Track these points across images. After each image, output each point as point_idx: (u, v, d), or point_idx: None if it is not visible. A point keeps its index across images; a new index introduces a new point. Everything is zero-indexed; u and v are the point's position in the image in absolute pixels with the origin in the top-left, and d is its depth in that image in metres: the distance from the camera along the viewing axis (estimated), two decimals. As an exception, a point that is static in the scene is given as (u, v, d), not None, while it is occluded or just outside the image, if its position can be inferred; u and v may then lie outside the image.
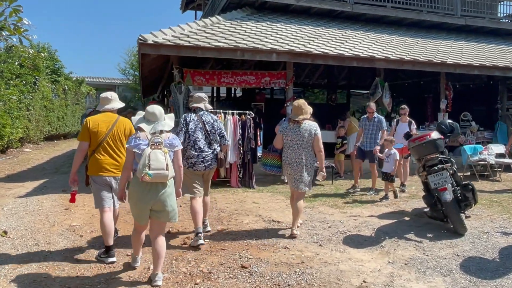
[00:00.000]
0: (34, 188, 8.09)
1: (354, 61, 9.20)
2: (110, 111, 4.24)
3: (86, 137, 4.07)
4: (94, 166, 4.07)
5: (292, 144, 4.75)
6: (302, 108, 4.74)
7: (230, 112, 8.05)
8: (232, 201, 6.86)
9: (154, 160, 3.26)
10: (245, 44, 8.44)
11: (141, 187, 3.38)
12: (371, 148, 7.32)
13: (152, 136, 3.42)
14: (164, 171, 3.29)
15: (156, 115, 3.52)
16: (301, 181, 4.76)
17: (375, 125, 7.41)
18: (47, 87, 18.22)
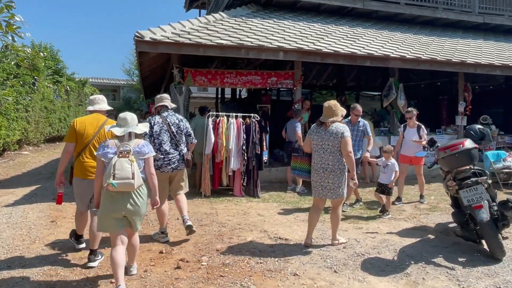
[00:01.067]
0: (24, 196, 7.54)
1: (367, 60, 8.55)
2: (98, 112, 4.21)
3: (72, 138, 4.04)
4: (79, 168, 4.05)
5: (317, 148, 4.49)
6: (333, 110, 4.43)
7: (233, 115, 7.45)
8: (234, 212, 6.26)
9: (119, 169, 3.23)
10: (250, 42, 7.84)
11: (108, 195, 3.34)
12: (356, 156, 6.09)
13: (121, 144, 3.39)
14: (129, 180, 3.24)
15: (127, 120, 3.52)
16: (328, 189, 4.46)
17: (360, 131, 6.42)
18: (47, 87, 17.77)
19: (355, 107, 6.49)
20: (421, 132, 6.86)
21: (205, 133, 7.32)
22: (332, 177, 4.41)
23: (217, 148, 7.22)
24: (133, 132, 3.52)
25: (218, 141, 7.21)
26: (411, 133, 6.94)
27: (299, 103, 8.87)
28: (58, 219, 5.85)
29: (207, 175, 7.25)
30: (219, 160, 7.27)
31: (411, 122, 6.97)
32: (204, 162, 7.30)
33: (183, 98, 8.21)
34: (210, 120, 7.29)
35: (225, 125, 7.30)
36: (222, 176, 7.41)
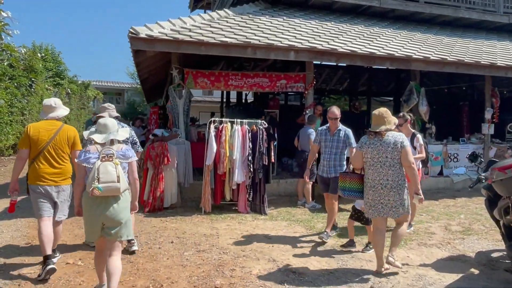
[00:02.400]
0: (5, 209, 6.77)
1: (386, 62, 7.73)
2: (55, 119, 4.10)
3: (26, 144, 3.96)
4: (33, 174, 3.96)
5: (373, 162, 4.00)
6: (384, 117, 4.00)
7: (238, 121, 6.64)
8: (238, 234, 5.43)
9: (104, 172, 3.15)
10: (257, 40, 7.06)
11: (91, 201, 3.23)
12: (337, 173, 4.98)
13: (102, 148, 3.31)
14: (115, 183, 3.16)
15: (108, 126, 3.43)
16: (390, 207, 3.97)
17: (341, 141, 5.20)
18: (47, 90, 17.11)
19: (330, 110, 5.24)
20: (415, 143, 5.55)
21: (206, 141, 6.53)
22: (393, 194, 3.94)
23: (219, 158, 6.42)
24: (115, 140, 3.44)
25: (220, 151, 6.41)
26: None
27: (311, 108, 8.05)
28: (35, 240, 5.05)
29: (207, 189, 6.44)
30: (221, 172, 6.46)
31: (405, 130, 5.55)
32: (204, 174, 6.49)
33: (183, 102, 7.43)
34: (212, 127, 6.49)
35: (229, 133, 6.50)
36: (225, 189, 6.60)
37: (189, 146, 7.02)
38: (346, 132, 5.24)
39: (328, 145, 5.24)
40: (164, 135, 6.81)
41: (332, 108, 5.28)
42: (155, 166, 6.57)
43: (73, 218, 6.03)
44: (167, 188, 6.66)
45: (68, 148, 4.11)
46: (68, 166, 4.17)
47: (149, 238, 5.15)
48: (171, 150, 6.66)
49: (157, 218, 6.14)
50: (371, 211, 4.07)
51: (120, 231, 3.29)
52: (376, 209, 4.02)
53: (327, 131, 5.27)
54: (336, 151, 5.22)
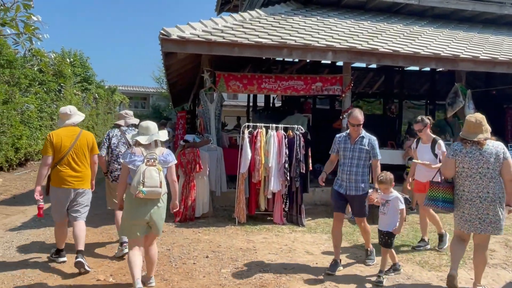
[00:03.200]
0: (34, 217, 6.60)
1: (432, 62, 7.20)
2: (71, 126, 4.32)
3: (49, 151, 4.16)
4: (56, 178, 4.18)
5: (471, 173, 3.67)
6: (482, 125, 3.68)
7: (273, 127, 6.26)
8: (277, 248, 5.03)
9: (149, 177, 3.37)
10: (293, 41, 6.66)
11: (136, 201, 3.46)
12: (358, 191, 4.28)
13: (147, 152, 3.52)
14: (157, 188, 3.41)
15: (150, 129, 3.64)
16: (488, 222, 3.62)
17: (364, 151, 4.28)
18: (75, 95, 17.24)
19: (352, 114, 4.35)
20: (436, 150, 4.91)
21: (240, 147, 6.18)
22: (493, 208, 3.60)
23: (254, 165, 6.05)
24: (158, 140, 3.66)
25: (255, 158, 6.04)
26: (423, 151, 5.06)
27: (348, 112, 7.57)
28: (64, 252, 4.79)
29: (242, 198, 6.08)
30: (256, 180, 6.09)
31: (424, 135, 5.06)
32: (238, 182, 6.13)
33: (215, 106, 7.11)
34: (246, 133, 6.13)
35: (264, 138, 6.12)
36: (260, 199, 6.22)
37: (221, 153, 6.69)
38: (370, 140, 4.32)
39: (348, 156, 4.30)
40: (196, 141, 6.50)
41: (354, 112, 4.29)
42: (186, 173, 6.26)
43: (102, 228, 5.78)
44: (199, 197, 6.33)
45: (88, 152, 4.37)
46: (88, 171, 4.39)
47: (182, 252, 4.81)
48: (203, 156, 6.34)
49: (189, 229, 5.81)
50: (466, 225, 3.71)
51: (160, 228, 3.72)
52: (473, 224, 3.67)
53: (347, 139, 4.37)
54: (358, 163, 4.27)
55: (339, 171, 4.39)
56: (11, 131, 10.36)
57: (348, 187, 4.30)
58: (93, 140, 4.42)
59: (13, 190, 8.98)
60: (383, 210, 4.09)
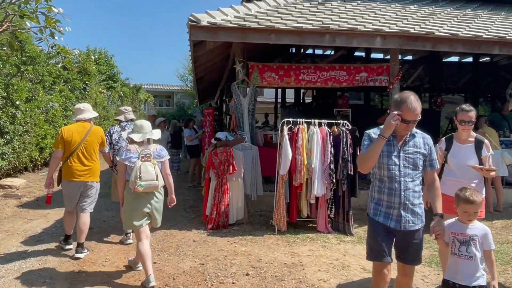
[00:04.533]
0: (56, 222, 6.13)
1: (495, 46, 6.28)
2: (83, 121, 4.55)
3: (60, 145, 4.38)
4: (66, 171, 4.41)
5: None
6: None
7: (315, 122, 5.53)
8: (327, 264, 4.31)
9: (145, 172, 3.60)
10: (336, 25, 5.91)
11: (136, 196, 3.68)
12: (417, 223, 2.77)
13: (142, 149, 3.73)
14: (154, 181, 3.64)
15: (144, 127, 3.84)
16: None
17: (419, 157, 2.77)
18: (100, 93, 16.98)
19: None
20: (484, 152, 3.56)
21: (279, 145, 5.49)
22: None
23: (295, 166, 5.34)
24: (151, 138, 3.84)
25: (297, 158, 5.33)
26: (465, 154, 3.58)
27: (397, 105, 6.75)
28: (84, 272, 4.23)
29: (282, 204, 5.39)
30: (298, 183, 5.38)
31: (465, 133, 3.60)
32: (277, 186, 5.44)
33: (248, 100, 6.45)
34: (285, 130, 5.43)
35: (305, 136, 5.41)
36: (301, 204, 5.52)
37: (257, 152, 6.02)
38: (425, 140, 2.80)
39: (396, 165, 2.69)
40: (229, 139, 5.85)
41: (409, 101, 2.59)
42: (219, 175, 5.62)
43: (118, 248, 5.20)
44: (233, 202, 5.69)
45: (98, 147, 4.62)
46: (97, 164, 4.63)
47: (218, 268, 4.17)
48: (237, 156, 5.69)
49: (223, 238, 5.17)
50: None
51: (159, 219, 3.92)
52: None
53: (391, 138, 2.71)
54: (413, 176, 2.72)
55: (380, 192, 2.76)
56: (35, 130, 10.02)
57: (403, 217, 2.68)
58: (102, 135, 4.70)
59: (37, 192, 8.59)
60: (468, 251, 2.63)
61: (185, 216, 6.34)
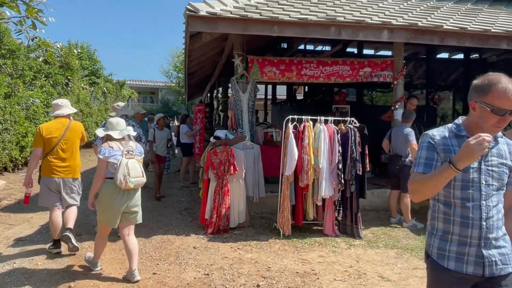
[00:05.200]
0: (41, 228, 5.67)
1: (503, 41, 6.09)
2: (61, 117, 4.52)
3: (40, 143, 4.39)
4: (46, 168, 4.40)
5: None
6: None
7: (321, 120, 5.22)
8: (342, 272, 4.01)
9: (133, 169, 3.64)
10: (342, 17, 5.60)
11: (116, 193, 3.66)
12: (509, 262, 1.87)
13: (123, 145, 3.75)
14: (141, 178, 3.74)
15: (120, 124, 3.83)
16: None
17: (505, 171, 1.88)
18: (83, 89, 16.31)
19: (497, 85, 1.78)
20: None
21: (283, 144, 5.16)
22: None
23: (301, 166, 5.02)
24: (130, 135, 3.88)
25: (303, 157, 5.01)
26: None
27: (401, 102, 6.52)
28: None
29: (286, 206, 5.06)
30: (304, 184, 5.06)
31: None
32: (282, 187, 5.11)
33: (248, 96, 6.09)
34: (290, 127, 5.10)
35: (312, 134, 5.09)
36: (308, 206, 5.20)
37: (258, 151, 5.67)
38: (511, 148, 1.94)
39: (473, 180, 1.84)
40: (229, 138, 5.49)
41: (502, 81, 1.79)
42: (219, 176, 5.26)
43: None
44: (234, 204, 5.34)
45: (78, 143, 4.60)
46: (78, 161, 4.59)
47: (225, 278, 3.82)
48: (238, 156, 5.33)
49: (225, 244, 4.82)
50: None
51: (138, 215, 3.90)
52: None
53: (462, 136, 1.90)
54: (498, 197, 1.88)
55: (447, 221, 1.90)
56: (15, 128, 9.44)
57: (486, 257, 1.82)
58: (82, 130, 4.68)
59: (18, 194, 8.04)
60: None
61: (181, 220, 5.96)
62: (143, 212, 5.64)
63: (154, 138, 7.37)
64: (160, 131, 7.58)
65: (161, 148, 7.53)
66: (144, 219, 5.94)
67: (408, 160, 5.65)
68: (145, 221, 5.82)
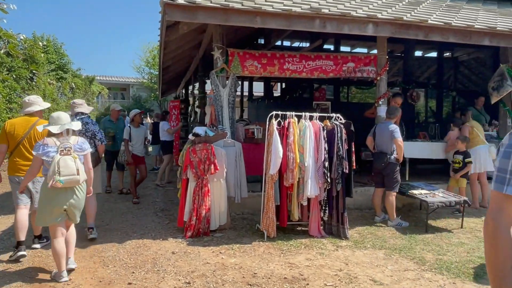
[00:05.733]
0: (2, 233, 5.19)
1: (486, 37, 6.05)
2: (29, 114, 4.38)
3: (3, 140, 4.26)
4: (11, 166, 4.29)
5: None
6: None
7: (306, 116, 5.00)
8: (332, 276, 3.79)
9: (64, 166, 3.45)
10: (327, 9, 5.38)
11: (53, 191, 3.51)
12: None
13: (61, 142, 3.56)
14: (75, 176, 3.50)
15: (61, 118, 3.66)
16: None
17: None
18: (49, 84, 15.49)
19: None
20: None
21: (267, 142, 4.91)
22: None
23: (286, 165, 4.78)
24: (71, 129, 3.68)
25: (288, 155, 4.77)
26: None
27: (384, 98, 6.41)
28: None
29: (271, 206, 4.80)
30: (289, 184, 4.82)
31: None
32: (266, 187, 4.85)
33: (228, 91, 5.79)
34: (274, 123, 4.85)
35: (297, 130, 4.85)
36: (292, 206, 4.97)
37: (240, 149, 5.39)
38: None
39: None
40: (209, 135, 5.17)
41: None
42: (198, 176, 4.94)
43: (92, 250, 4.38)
44: (215, 205, 5.04)
45: None
46: None
47: (208, 287, 3.52)
48: (219, 154, 5.03)
49: (206, 248, 4.51)
50: None
51: (78, 216, 3.76)
52: None
53: None
54: None
55: None
56: (-27, 125, 8.73)
57: None
58: None
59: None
60: None
61: (157, 222, 5.60)
62: (116, 214, 5.33)
63: (130, 136, 6.72)
64: (136, 128, 6.91)
65: (139, 147, 6.84)
66: (117, 223, 5.63)
67: (393, 157, 5.53)
68: (118, 224, 5.47)
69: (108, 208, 6.42)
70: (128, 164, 6.79)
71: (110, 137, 7.23)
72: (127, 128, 6.78)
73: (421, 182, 6.38)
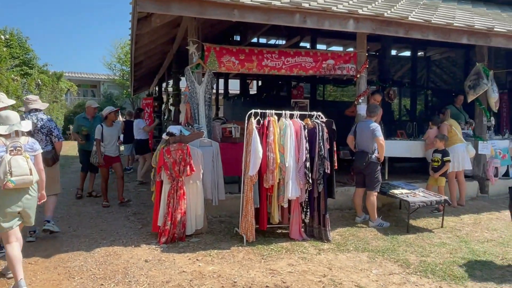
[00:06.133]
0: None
1: (464, 35, 6.03)
2: None
3: None
4: None
5: None
6: None
7: (287, 114, 4.79)
8: (316, 283, 3.61)
9: (16, 166, 3.34)
10: (307, 3, 5.19)
11: (6, 192, 3.37)
12: None
13: (10, 142, 3.44)
14: (28, 176, 3.40)
15: (10, 118, 3.55)
16: None
17: None
18: (13, 81, 14.67)
19: None
20: None
21: (246, 141, 4.67)
22: None
23: (266, 166, 4.56)
24: (20, 131, 3.58)
25: (268, 155, 4.55)
26: None
27: (364, 96, 6.30)
28: None
29: (250, 209, 4.57)
30: (269, 185, 4.60)
31: None
32: (245, 189, 4.61)
33: (204, 88, 5.51)
34: (254, 122, 4.62)
35: (277, 129, 4.64)
36: (273, 208, 4.76)
37: (217, 149, 5.13)
38: None
39: None
40: (184, 134, 4.88)
41: None
42: (173, 178, 4.65)
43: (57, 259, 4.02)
44: (191, 209, 4.77)
45: None
46: None
47: None
48: (194, 154, 4.76)
49: (181, 255, 4.24)
50: None
51: (32, 218, 3.62)
52: None
53: None
54: None
55: None
56: None
57: None
58: None
59: None
60: None
61: (129, 227, 5.26)
62: (84, 219, 4.99)
63: (102, 136, 6.19)
64: (109, 127, 6.36)
65: (111, 148, 6.30)
66: (85, 228, 5.25)
67: (375, 156, 5.41)
68: (87, 230, 5.10)
69: (75, 212, 6.02)
70: (100, 166, 6.35)
71: (84, 136, 6.80)
72: (99, 127, 6.21)
73: (401, 181, 6.31)
